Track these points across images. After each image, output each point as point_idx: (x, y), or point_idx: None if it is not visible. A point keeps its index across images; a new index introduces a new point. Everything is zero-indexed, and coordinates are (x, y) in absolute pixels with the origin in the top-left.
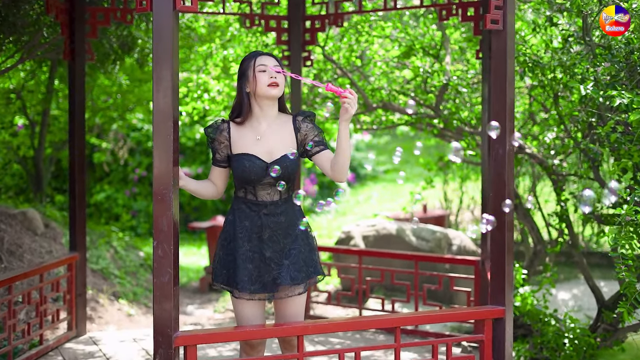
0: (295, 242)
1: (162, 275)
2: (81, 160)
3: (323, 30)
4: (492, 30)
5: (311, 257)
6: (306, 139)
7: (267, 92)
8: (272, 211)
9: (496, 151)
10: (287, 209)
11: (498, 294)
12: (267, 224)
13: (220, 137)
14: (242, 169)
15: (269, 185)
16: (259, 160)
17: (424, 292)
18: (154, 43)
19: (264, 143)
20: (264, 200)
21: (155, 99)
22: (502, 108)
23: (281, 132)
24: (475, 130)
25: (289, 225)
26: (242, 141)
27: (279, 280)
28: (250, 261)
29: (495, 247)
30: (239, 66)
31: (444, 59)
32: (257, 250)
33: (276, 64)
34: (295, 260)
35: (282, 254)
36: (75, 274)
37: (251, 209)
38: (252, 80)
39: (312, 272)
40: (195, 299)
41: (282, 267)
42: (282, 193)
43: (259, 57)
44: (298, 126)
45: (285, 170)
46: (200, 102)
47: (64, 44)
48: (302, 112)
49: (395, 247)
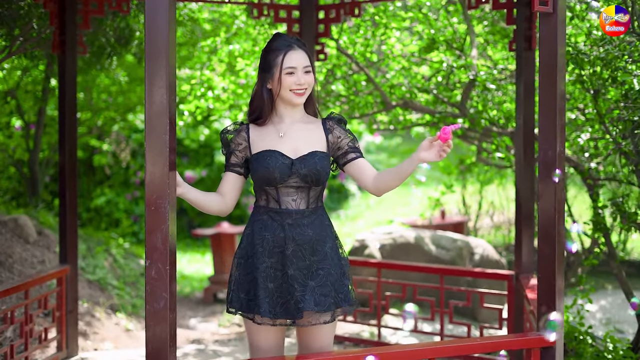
0: (323, 261)
1: (156, 301)
2: (72, 164)
3: (338, 21)
4: (540, 14)
5: (342, 281)
6: (340, 143)
7: (290, 99)
8: (297, 221)
9: (545, 153)
10: (315, 221)
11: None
12: (292, 236)
13: (238, 137)
14: (265, 166)
15: (294, 190)
16: (282, 157)
17: (450, 309)
18: (146, 27)
19: (287, 139)
20: (288, 208)
21: (148, 92)
22: (552, 102)
23: (308, 131)
24: (504, 131)
25: (318, 240)
26: (263, 140)
27: (302, 305)
28: (271, 279)
29: (544, 263)
30: (264, 52)
31: (469, 53)
32: (279, 267)
33: (307, 64)
34: (323, 282)
35: (307, 273)
36: (65, 288)
37: (273, 218)
38: (277, 80)
39: (341, 300)
40: (198, 311)
41: (307, 288)
42: (310, 200)
43: (289, 53)
44: (329, 128)
45: (314, 169)
46: (203, 101)
47: (53, 36)
48: (333, 116)
49: (413, 257)
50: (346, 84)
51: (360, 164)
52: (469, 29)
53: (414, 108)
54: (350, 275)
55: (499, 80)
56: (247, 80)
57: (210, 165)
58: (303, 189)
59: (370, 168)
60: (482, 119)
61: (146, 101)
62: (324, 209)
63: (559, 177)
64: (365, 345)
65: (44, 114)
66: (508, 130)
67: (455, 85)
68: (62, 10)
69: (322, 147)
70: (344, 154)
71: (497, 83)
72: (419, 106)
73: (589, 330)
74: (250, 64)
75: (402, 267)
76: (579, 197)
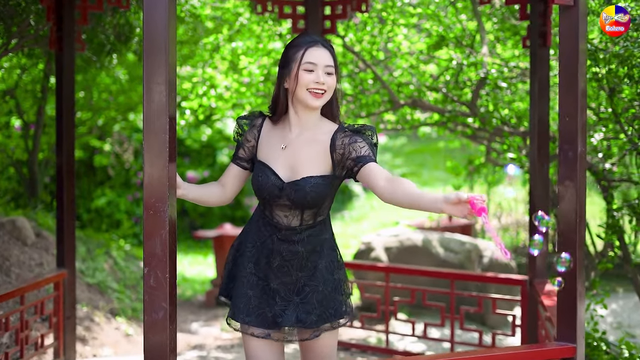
0: (312, 277)
1: (155, 311)
2: (70, 165)
3: (345, 17)
4: (560, 7)
5: (334, 297)
6: (342, 160)
7: (306, 100)
8: (287, 237)
9: (565, 154)
10: (308, 238)
11: (567, 329)
12: (279, 250)
13: (250, 133)
14: (255, 183)
15: (287, 207)
16: (274, 177)
17: (461, 315)
18: (145, 19)
19: (288, 155)
20: (279, 223)
21: (146, 89)
22: (573, 100)
23: (313, 146)
24: (515, 131)
25: (309, 257)
26: (268, 146)
27: (280, 319)
28: (251, 286)
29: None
30: (285, 49)
31: (479, 50)
32: (263, 276)
33: (330, 63)
34: (308, 299)
35: (293, 288)
36: (63, 293)
37: (266, 227)
38: (294, 78)
39: (330, 316)
40: (200, 315)
41: (290, 304)
42: (304, 218)
43: (311, 48)
44: (334, 143)
45: (303, 198)
46: (206, 99)
47: (50, 32)
48: (347, 126)
49: (421, 260)
50: (352, 82)
51: (365, 171)
52: (479, 26)
53: (422, 107)
54: (346, 287)
55: (510, 78)
56: (251, 79)
57: (212, 166)
58: (296, 209)
59: (379, 172)
60: (493, 118)
61: (144, 99)
62: (324, 222)
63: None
64: (373, 353)
65: (43, 113)
66: (520, 130)
67: (465, 84)
68: (59, 6)
69: (325, 168)
70: (350, 170)
71: (508, 81)
72: (428, 105)
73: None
74: (254, 62)
75: (411, 272)
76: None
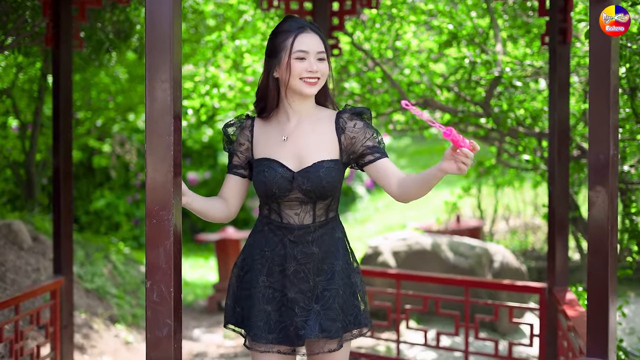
0: (331, 281)
1: (159, 328)
2: (68, 167)
3: (354, 13)
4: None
5: (352, 302)
6: (355, 144)
7: (300, 89)
8: (300, 238)
9: (596, 157)
10: (322, 237)
11: (598, 344)
12: (293, 254)
13: (241, 136)
14: (261, 179)
15: (297, 203)
16: (282, 169)
17: (476, 324)
18: (147, 9)
19: (291, 145)
20: (290, 223)
21: (149, 87)
22: (604, 98)
23: (317, 131)
24: (530, 131)
25: (324, 259)
26: (265, 143)
27: (302, 331)
28: (269, 301)
29: (595, 281)
30: (271, 35)
31: (492, 48)
32: (279, 287)
33: (321, 49)
34: (329, 305)
35: (311, 295)
36: (60, 302)
37: (274, 232)
38: (285, 67)
39: (350, 324)
40: (202, 321)
41: (310, 313)
42: (316, 214)
43: (300, 35)
44: (342, 126)
45: (319, 185)
46: (208, 99)
47: (47, 28)
48: (349, 108)
49: (430, 264)
50: (360, 81)
51: (380, 166)
52: (492, 23)
53: (434, 107)
54: (363, 293)
55: (523, 77)
56: (255, 78)
57: (213, 167)
58: (307, 203)
59: (394, 171)
60: (508, 119)
61: (147, 97)
62: (336, 219)
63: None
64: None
65: (40, 113)
66: (535, 131)
67: (478, 83)
68: (55, 1)
69: (333, 152)
70: (360, 156)
71: (523, 80)
72: (440, 105)
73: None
74: (258, 60)
75: (424, 279)
76: None
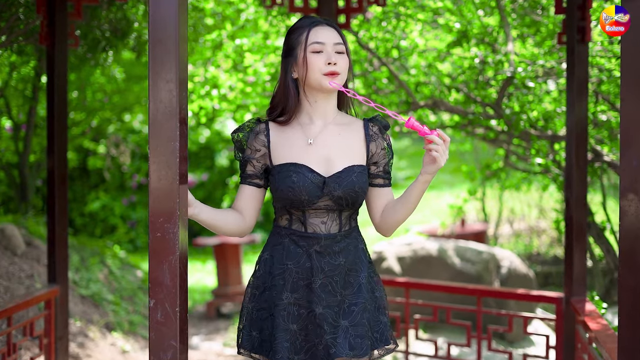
0: (358, 294)
1: (163, 351)
2: (62, 170)
3: (360, 10)
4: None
5: (377, 317)
6: (378, 160)
7: (321, 84)
8: (327, 248)
9: (628, 162)
10: (348, 247)
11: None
12: (320, 266)
13: (255, 142)
14: (289, 185)
15: (324, 211)
16: (311, 174)
17: (489, 335)
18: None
19: (318, 149)
20: (316, 232)
21: (153, 87)
22: (637, 99)
23: (344, 135)
24: (542, 134)
25: (350, 270)
26: (288, 147)
27: (333, 350)
28: (294, 319)
29: (628, 296)
30: (286, 36)
31: (502, 47)
32: (305, 304)
33: (339, 41)
34: (358, 321)
35: (338, 311)
36: (54, 312)
37: (297, 244)
38: (302, 63)
39: (377, 340)
40: (200, 328)
41: (339, 329)
42: (342, 222)
43: (314, 28)
44: (373, 135)
45: (351, 190)
46: (208, 100)
47: (41, 25)
48: (377, 119)
49: (436, 270)
50: (365, 81)
51: (383, 193)
52: (502, 21)
53: (444, 108)
54: (386, 308)
55: (536, 77)
56: (257, 78)
57: (211, 169)
58: (334, 211)
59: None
60: (520, 121)
61: (150, 99)
62: (358, 229)
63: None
64: None
65: (34, 114)
66: (548, 134)
67: (487, 84)
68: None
69: (361, 157)
70: (374, 175)
71: (536, 81)
72: (449, 106)
73: None
74: (260, 60)
75: (434, 288)
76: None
